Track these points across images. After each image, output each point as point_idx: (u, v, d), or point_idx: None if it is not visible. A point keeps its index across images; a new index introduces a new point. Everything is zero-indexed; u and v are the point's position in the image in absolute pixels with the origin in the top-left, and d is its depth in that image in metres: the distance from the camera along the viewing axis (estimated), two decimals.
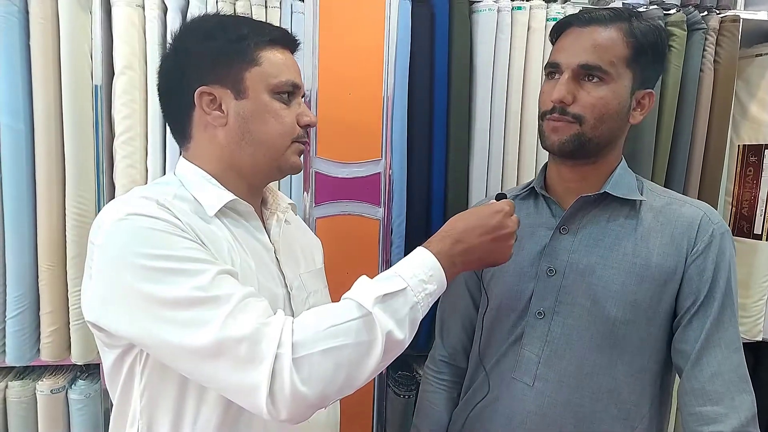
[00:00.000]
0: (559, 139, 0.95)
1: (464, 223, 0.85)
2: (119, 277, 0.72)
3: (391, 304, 0.74)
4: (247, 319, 0.70)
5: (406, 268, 0.78)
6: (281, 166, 0.89)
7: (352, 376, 0.72)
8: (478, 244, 0.84)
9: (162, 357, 0.74)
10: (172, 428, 0.80)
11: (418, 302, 0.76)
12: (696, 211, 0.97)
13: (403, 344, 0.75)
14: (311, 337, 0.70)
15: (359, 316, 0.72)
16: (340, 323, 0.72)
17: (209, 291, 0.70)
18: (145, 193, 0.80)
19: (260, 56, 0.84)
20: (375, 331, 0.72)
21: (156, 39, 1.25)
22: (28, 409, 1.34)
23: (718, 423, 0.89)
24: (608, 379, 0.95)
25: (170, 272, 0.71)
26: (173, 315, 0.70)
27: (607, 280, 0.95)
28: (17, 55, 1.21)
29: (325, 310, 0.75)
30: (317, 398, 0.70)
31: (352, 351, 0.71)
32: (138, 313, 0.71)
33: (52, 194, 1.25)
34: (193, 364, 0.70)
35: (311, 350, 0.69)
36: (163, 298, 0.70)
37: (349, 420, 1.09)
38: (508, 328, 1.04)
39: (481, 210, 0.87)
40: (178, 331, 0.69)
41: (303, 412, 0.70)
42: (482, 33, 1.36)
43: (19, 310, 1.26)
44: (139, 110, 1.26)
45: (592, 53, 0.92)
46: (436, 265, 0.79)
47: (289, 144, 0.88)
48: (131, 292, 0.71)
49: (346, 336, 0.71)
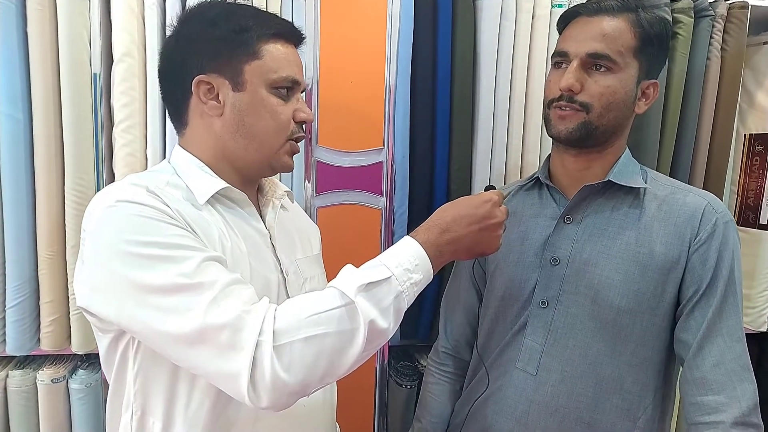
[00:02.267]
0: (566, 127, 0.96)
1: (452, 212, 0.85)
2: (107, 263, 0.72)
3: (375, 293, 0.74)
4: (230, 307, 0.70)
5: (391, 257, 0.77)
6: (273, 164, 0.89)
7: (334, 364, 0.72)
8: (466, 234, 0.84)
9: (149, 343, 0.74)
10: (165, 412, 0.80)
11: (403, 291, 0.76)
12: (700, 200, 0.97)
13: (386, 333, 0.75)
14: (293, 324, 0.70)
15: (342, 304, 0.72)
16: (322, 311, 0.72)
17: (193, 278, 0.70)
18: (136, 180, 0.80)
19: (262, 49, 0.83)
20: (357, 319, 0.72)
21: (155, 26, 1.23)
22: (29, 398, 1.34)
23: (719, 412, 0.89)
24: (611, 369, 0.96)
25: (156, 259, 0.71)
26: (158, 301, 0.70)
27: (610, 270, 0.95)
28: (15, 43, 1.20)
29: (308, 298, 0.75)
30: (298, 386, 0.70)
31: (334, 339, 0.71)
32: (125, 299, 0.71)
33: (51, 183, 1.24)
34: (178, 350, 0.71)
35: (292, 338, 0.69)
36: (149, 285, 0.70)
37: (350, 410, 1.09)
38: (512, 318, 1.04)
39: (470, 200, 0.87)
40: (163, 317, 0.70)
41: (284, 399, 0.70)
42: (486, 20, 1.34)
43: (19, 299, 1.26)
44: (138, 98, 1.25)
45: (601, 42, 0.93)
46: (422, 254, 0.79)
47: (283, 143, 0.87)
48: (119, 279, 0.71)
49: (327, 324, 0.71)
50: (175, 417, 0.80)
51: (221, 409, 0.81)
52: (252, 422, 0.84)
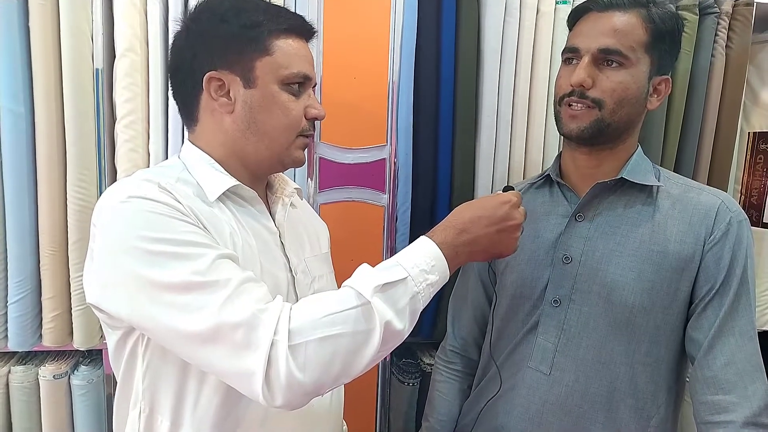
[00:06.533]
0: (578, 126, 0.95)
1: (470, 213, 0.84)
2: (119, 260, 0.71)
3: (391, 293, 0.73)
4: (245, 305, 0.69)
5: (407, 258, 0.77)
6: (283, 160, 0.88)
7: (348, 364, 0.71)
8: (484, 235, 0.83)
9: (160, 341, 0.74)
10: (174, 410, 0.80)
11: (419, 292, 0.75)
12: (714, 199, 0.96)
13: (402, 334, 0.75)
14: (309, 324, 0.70)
15: (358, 304, 0.72)
16: (338, 311, 0.71)
17: (207, 275, 0.70)
18: (148, 175, 0.79)
19: (273, 45, 0.82)
20: (373, 320, 0.71)
21: (158, 21, 1.23)
22: (31, 394, 1.34)
23: (729, 412, 0.88)
24: (625, 368, 0.95)
25: (169, 256, 0.70)
26: (171, 299, 0.69)
27: (624, 268, 0.95)
28: (16, 38, 1.19)
29: (324, 297, 0.74)
30: (313, 386, 0.69)
31: (349, 340, 0.70)
32: (136, 297, 0.71)
33: (53, 179, 1.23)
34: (191, 348, 0.70)
35: (308, 338, 0.69)
36: (161, 282, 0.69)
37: (353, 407, 1.09)
38: (523, 317, 1.03)
39: (488, 200, 0.86)
40: (176, 315, 0.69)
41: (299, 399, 0.70)
42: (490, 17, 1.33)
43: (21, 295, 1.25)
44: (141, 93, 1.24)
45: (612, 37, 0.92)
46: (439, 255, 0.78)
47: (294, 139, 0.87)
48: (130, 276, 0.71)
49: (343, 324, 0.70)
50: (184, 415, 0.80)
51: (230, 408, 0.80)
52: (260, 421, 0.83)
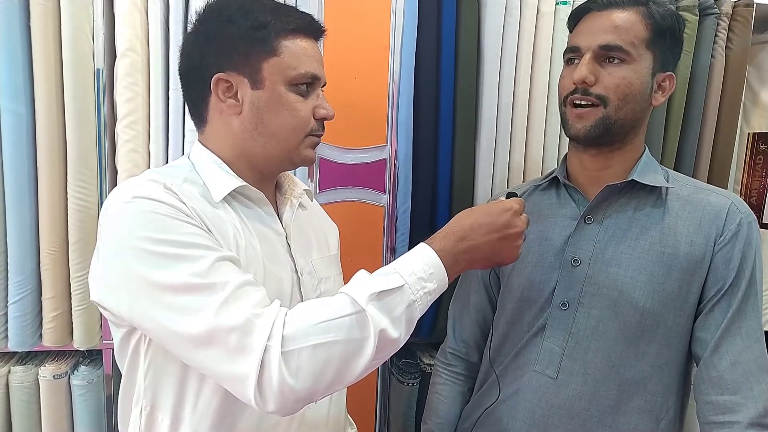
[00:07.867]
0: (584, 125, 0.94)
1: (471, 219, 0.82)
2: (121, 259, 0.72)
3: (388, 302, 0.72)
4: (240, 309, 0.69)
5: (405, 265, 0.76)
6: (293, 159, 0.88)
7: (342, 372, 0.71)
8: (484, 243, 0.81)
9: (160, 341, 0.74)
10: (174, 408, 0.80)
11: (416, 300, 0.74)
12: (724, 200, 0.96)
13: (397, 343, 0.74)
14: (302, 331, 0.69)
15: (352, 312, 0.71)
16: (332, 318, 0.70)
17: (206, 278, 0.70)
18: (154, 176, 0.79)
19: (280, 46, 0.82)
20: (368, 328, 0.70)
21: (158, 21, 1.23)
22: (31, 394, 1.34)
23: (734, 413, 0.88)
24: (635, 371, 0.94)
25: (170, 257, 0.70)
26: (170, 300, 0.69)
27: (634, 270, 0.94)
28: (17, 38, 1.19)
29: (319, 303, 0.74)
30: (305, 392, 0.69)
31: (342, 348, 0.70)
32: (138, 297, 0.71)
33: (54, 179, 1.23)
34: (187, 350, 0.70)
35: (301, 344, 0.69)
36: (161, 283, 0.70)
37: (352, 407, 1.09)
38: (529, 320, 1.02)
39: (490, 207, 0.84)
40: (173, 316, 0.69)
41: (291, 405, 0.70)
42: (490, 17, 1.34)
43: (21, 295, 1.25)
44: (141, 94, 1.25)
45: (613, 34, 0.92)
46: (438, 262, 0.77)
47: (303, 139, 0.86)
48: (132, 276, 0.71)
49: (337, 332, 0.70)
50: (184, 413, 0.80)
51: (229, 407, 0.81)
52: (259, 420, 0.83)
